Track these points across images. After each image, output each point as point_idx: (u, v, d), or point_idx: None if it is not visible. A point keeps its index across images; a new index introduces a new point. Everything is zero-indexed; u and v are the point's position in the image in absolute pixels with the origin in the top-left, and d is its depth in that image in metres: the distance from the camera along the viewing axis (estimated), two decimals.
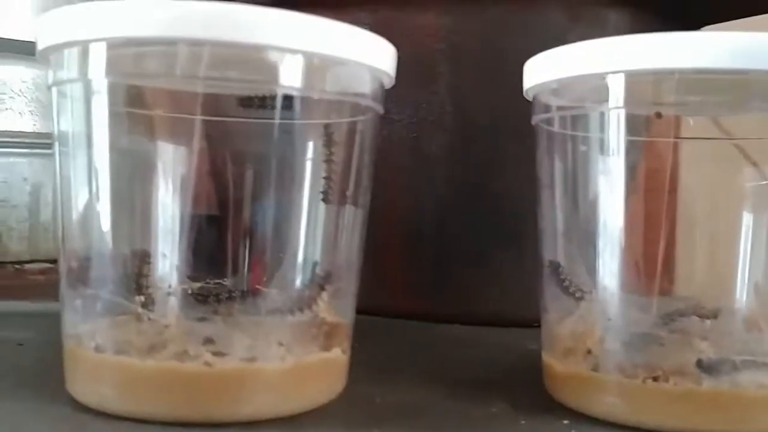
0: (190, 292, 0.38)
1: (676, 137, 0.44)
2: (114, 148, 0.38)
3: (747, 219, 0.42)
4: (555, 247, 0.42)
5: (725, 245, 0.45)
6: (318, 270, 0.37)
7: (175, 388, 0.34)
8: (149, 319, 0.37)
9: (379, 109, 0.40)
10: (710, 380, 0.35)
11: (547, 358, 0.40)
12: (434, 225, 0.57)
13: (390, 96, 0.55)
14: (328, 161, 0.39)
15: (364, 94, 0.39)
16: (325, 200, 0.38)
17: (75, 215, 0.38)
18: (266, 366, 0.34)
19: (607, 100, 0.38)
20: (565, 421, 0.37)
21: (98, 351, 0.35)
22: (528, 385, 0.42)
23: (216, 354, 0.34)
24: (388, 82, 0.40)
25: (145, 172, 0.40)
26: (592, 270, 0.40)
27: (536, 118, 0.42)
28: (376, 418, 0.36)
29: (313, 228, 0.38)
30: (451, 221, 0.57)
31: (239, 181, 0.40)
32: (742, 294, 0.41)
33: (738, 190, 0.44)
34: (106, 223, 0.38)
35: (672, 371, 0.36)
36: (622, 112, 0.38)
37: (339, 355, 0.37)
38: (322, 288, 0.36)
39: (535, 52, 0.40)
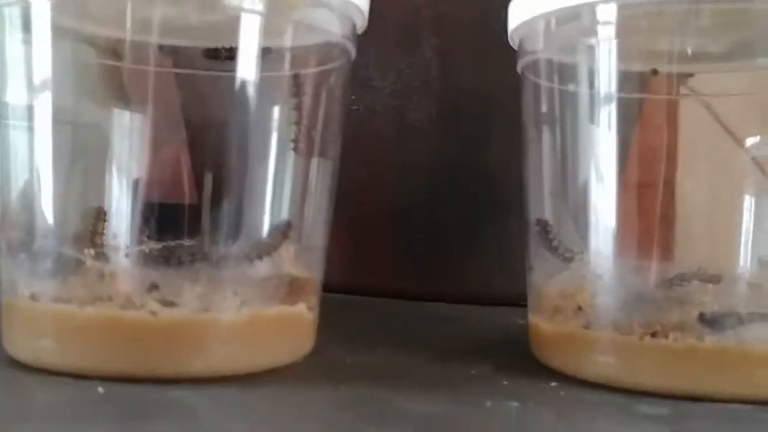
0: (148, 251, 0.35)
1: (672, 95, 0.41)
2: (63, 101, 0.35)
3: (751, 185, 0.39)
4: (542, 206, 0.39)
5: (728, 210, 0.41)
6: (280, 218, 0.34)
7: (116, 340, 0.30)
8: (99, 274, 0.33)
9: (352, 51, 0.37)
10: (713, 335, 0.32)
11: (534, 319, 0.37)
12: (421, 200, 0.54)
13: (371, 61, 0.53)
14: (298, 108, 0.36)
15: (335, 34, 0.36)
16: (295, 149, 0.35)
17: (19, 165, 0.35)
18: (219, 317, 0.31)
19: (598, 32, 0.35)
20: (553, 383, 0.33)
21: (34, 299, 0.31)
22: (514, 352, 0.39)
23: (163, 303, 0.31)
24: (361, 24, 0.37)
25: (101, 122, 0.36)
26: (583, 231, 0.37)
27: (522, 65, 0.39)
28: (344, 378, 0.32)
29: (278, 178, 0.35)
30: (438, 196, 0.54)
31: (202, 136, 0.37)
32: (746, 261, 0.38)
33: (741, 155, 0.40)
34: (57, 177, 0.35)
35: (672, 327, 0.32)
36: (614, 44, 0.35)
37: (304, 311, 0.34)
38: (284, 236, 0.33)
39: None
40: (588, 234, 0.36)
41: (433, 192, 0.54)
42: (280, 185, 0.35)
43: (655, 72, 0.39)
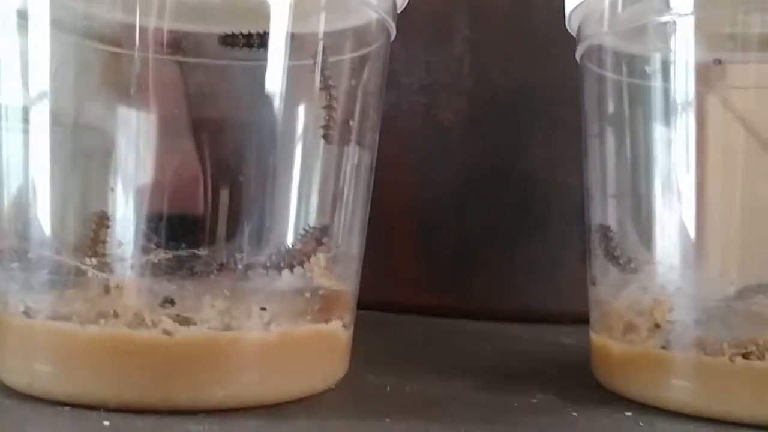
0: (157, 261, 0.31)
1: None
2: (61, 99, 0.31)
3: None
4: (605, 210, 0.34)
5: None
6: (313, 222, 0.29)
7: (124, 364, 0.26)
8: (103, 286, 0.29)
9: (392, 29, 0.33)
10: None
11: (599, 338, 0.32)
12: (451, 209, 0.50)
13: (398, 54, 0.48)
14: (327, 90, 0.31)
15: (373, 9, 0.32)
16: (325, 137, 0.31)
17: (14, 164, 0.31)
18: (244, 336, 0.27)
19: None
20: (627, 413, 0.29)
21: (28, 316, 0.27)
22: (574, 376, 0.34)
23: (179, 320, 0.26)
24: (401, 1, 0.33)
25: (104, 122, 0.32)
26: (650, 239, 0.32)
27: (582, 51, 0.34)
28: (385, 408, 0.28)
29: (308, 173, 0.30)
30: (470, 205, 0.49)
31: (219, 132, 0.33)
32: None
33: None
34: (54, 180, 0.31)
35: None
36: (691, 22, 0.31)
37: (339, 330, 0.29)
38: (318, 243, 0.29)
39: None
40: (658, 242, 0.32)
41: (463, 199, 0.49)
42: (309, 183, 0.30)
43: (718, 62, 0.35)
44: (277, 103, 0.30)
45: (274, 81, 0.30)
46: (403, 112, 0.49)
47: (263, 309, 0.27)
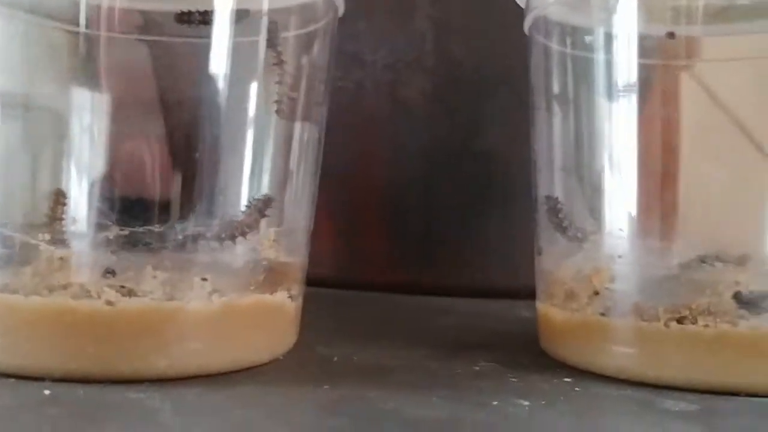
0: (112, 237, 0.31)
1: (690, 60, 0.37)
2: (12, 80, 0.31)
3: None
4: (552, 182, 0.35)
5: (752, 189, 0.37)
6: (256, 194, 0.30)
7: (66, 334, 0.26)
8: (53, 260, 0.29)
9: (340, 6, 0.33)
10: (750, 319, 0.28)
11: (543, 307, 0.33)
12: (416, 186, 0.50)
13: (361, 33, 0.49)
14: (280, 63, 0.32)
15: None
16: (278, 112, 0.32)
17: None
18: (185, 306, 0.27)
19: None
20: (566, 379, 0.29)
21: None
22: (521, 345, 0.35)
23: (121, 291, 0.27)
24: None
25: (56, 102, 0.33)
26: (598, 209, 0.33)
27: (529, 23, 0.35)
28: (329, 376, 0.29)
29: (254, 147, 0.31)
30: (434, 181, 0.50)
31: (172, 108, 0.33)
32: None
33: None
34: (9, 157, 0.31)
35: (701, 311, 0.28)
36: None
37: (285, 301, 0.30)
38: (260, 214, 0.29)
39: None
40: (604, 212, 0.33)
41: (428, 176, 0.50)
42: (259, 157, 0.31)
43: (671, 35, 0.35)
44: (225, 79, 0.31)
45: (223, 58, 0.31)
46: (368, 90, 0.49)
47: (204, 279, 0.28)
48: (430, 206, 0.50)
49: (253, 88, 0.32)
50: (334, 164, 0.51)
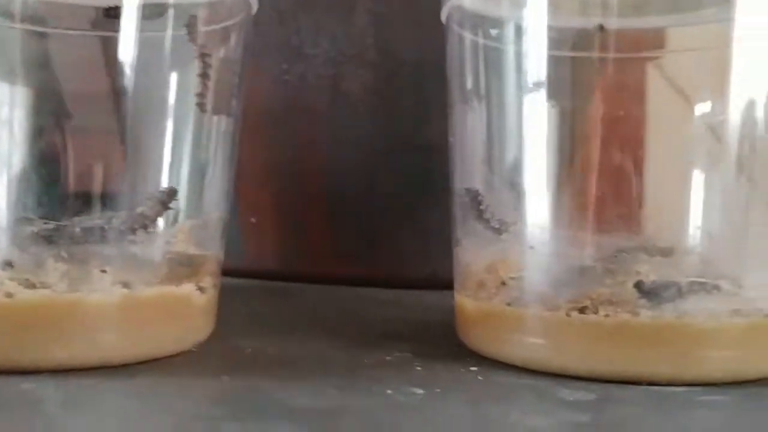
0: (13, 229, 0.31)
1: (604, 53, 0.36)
2: None
3: (702, 156, 0.35)
4: (471, 174, 0.35)
5: (680, 181, 0.37)
6: (160, 185, 0.30)
7: None
8: None
9: (253, 4, 0.33)
10: (650, 309, 0.28)
11: (459, 298, 0.33)
12: (358, 179, 0.50)
13: (302, 27, 0.49)
14: (201, 56, 0.32)
15: None
16: (200, 105, 0.32)
17: None
18: (85, 298, 0.27)
19: None
20: (472, 368, 0.30)
21: None
22: (440, 336, 0.35)
23: (23, 284, 0.27)
24: None
25: None
26: (516, 201, 0.33)
27: (446, 13, 0.35)
28: (233, 367, 0.29)
29: (165, 140, 0.31)
30: (377, 175, 0.50)
31: (89, 102, 0.33)
32: (696, 234, 0.34)
33: (694, 122, 0.36)
34: None
35: (603, 301, 0.29)
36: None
37: (192, 293, 0.30)
38: (163, 206, 0.29)
39: None
40: (522, 204, 0.33)
41: (371, 169, 0.50)
42: (171, 150, 0.31)
43: (601, 28, 0.35)
44: (139, 72, 0.31)
45: (140, 50, 0.31)
46: (311, 84, 0.49)
47: (103, 271, 0.28)
48: (372, 199, 0.50)
49: (170, 81, 0.32)
50: (278, 158, 0.51)
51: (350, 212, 0.50)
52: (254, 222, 0.51)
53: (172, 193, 0.29)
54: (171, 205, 0.29)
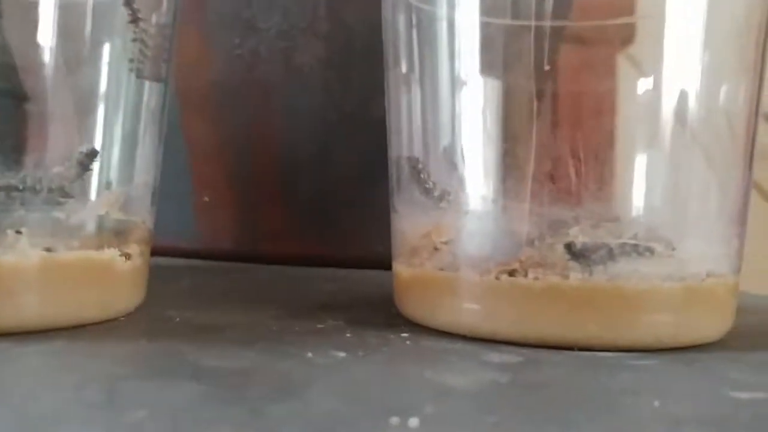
0: None
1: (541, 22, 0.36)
2: None
3: (644, 124, 0.34)
4: (411, 142, 0.34)
5: (623, 150, 0.36)
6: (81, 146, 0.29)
7: None
8: None
9: None
10: (581, 271, 0.27)
11: (395, 266, 0.32)
12: (311, 154, 0.49)
13: (255, 1, 0.48)
14: (136, 21, 0.31)
15: None
16: (138, 71, 0.31)
17: None
18: (0, 259, 0.26)
19: None
20: (404, 334, 0.29)
21: None
22: (379, 305, 0.34)
23: None
24: None
25: None
26: (450, 169, 0.32)
27: None
28: (155, 334, 0.28)
29: (91, 102, 0.30)
30: (331, 150, 0.49)
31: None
32: (639, 205, 0.33)
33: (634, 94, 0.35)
34: None
35: (532, 263, 0.28)
36: None
37: (115, 259, 0.29)
38: (83, 167, 0.28)
39: None
40: (459, 173, 0.32)
41: (324, 144, 0.49)
42: (91, 112, 0.30)
43: None
44: (70, 36, 0.30)
45: (56, 14, 0.30)
46: (263, 58, 0.48)
47: (18, 233, 0.27)
48: (325, 175, 0.49)
49: (100, 46, 0.31)
50: (231, 134, 0.50)
51: (301, 189, 0.49)
52: (207, 200, 0.50)
53: (91, 154, 0.29)
54: (91, 167, 0.29)
